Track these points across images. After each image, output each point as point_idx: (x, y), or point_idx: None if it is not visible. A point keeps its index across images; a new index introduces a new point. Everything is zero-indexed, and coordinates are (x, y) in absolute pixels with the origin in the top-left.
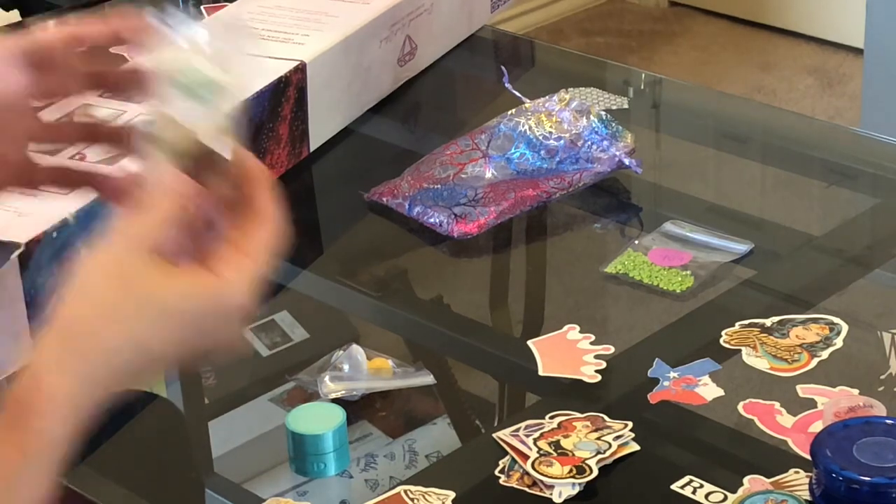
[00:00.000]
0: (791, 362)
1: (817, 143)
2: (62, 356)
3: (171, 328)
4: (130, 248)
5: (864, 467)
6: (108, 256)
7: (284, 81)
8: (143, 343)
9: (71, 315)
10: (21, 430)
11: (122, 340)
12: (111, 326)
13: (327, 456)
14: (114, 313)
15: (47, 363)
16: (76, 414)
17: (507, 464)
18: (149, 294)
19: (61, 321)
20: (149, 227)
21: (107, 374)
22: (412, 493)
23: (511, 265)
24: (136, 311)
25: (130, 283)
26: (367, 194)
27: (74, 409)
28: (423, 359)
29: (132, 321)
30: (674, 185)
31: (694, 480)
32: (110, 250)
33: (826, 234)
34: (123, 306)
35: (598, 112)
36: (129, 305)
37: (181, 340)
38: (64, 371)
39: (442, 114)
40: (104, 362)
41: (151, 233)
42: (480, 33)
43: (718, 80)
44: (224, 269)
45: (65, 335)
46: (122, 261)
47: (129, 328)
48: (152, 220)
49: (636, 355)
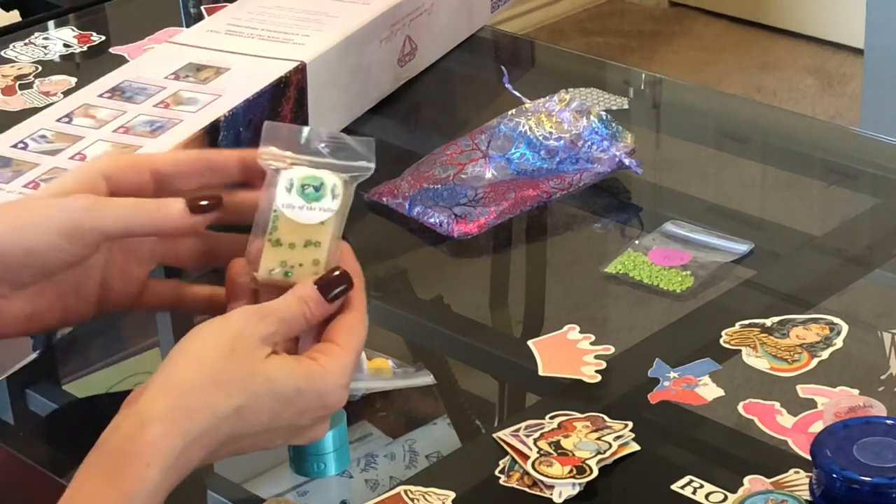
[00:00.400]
0: (791, 362)
1: (817, 143)
2: (170, 412)
3: (272, 405)
4: (249, 330)
5: (865, 467)
6: (224, 329)
7: (284, 81)
8: (246, 415)
9: (181, 375)
10: (124, 476)
11: (229, 408)
12: (219, 393)
13: (327, 456)
14: (224, 381)
15: (154, 416)
16: (175, 470)
17: (507, 464)
18: (258, 369)
19: (170, 379)
20: (269, 318)
21: (209, 438)
22: (412, 494)
23: (511, 265)
24: (245, 383)
25: (242, 356)
26: (367, 194)
27: (175, 465)
28: (423, 359)
29: (239, 391)
30: (674, 185)
31: (694, 480)
32: (229, 323)
33: (826, 234)
34: (234, 376)
35: (598, 112)
36: (239, 377)
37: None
38: (171, 426)
39: (442, 114)
40: (209, 426)
41: (270, 324)
42: (480, 33)
43: (718, 80)
44: (322, 357)
45: (174, 393)
46: (237, 336)
47: (236, 398)
48: (274, 314)
49: (636, 355)
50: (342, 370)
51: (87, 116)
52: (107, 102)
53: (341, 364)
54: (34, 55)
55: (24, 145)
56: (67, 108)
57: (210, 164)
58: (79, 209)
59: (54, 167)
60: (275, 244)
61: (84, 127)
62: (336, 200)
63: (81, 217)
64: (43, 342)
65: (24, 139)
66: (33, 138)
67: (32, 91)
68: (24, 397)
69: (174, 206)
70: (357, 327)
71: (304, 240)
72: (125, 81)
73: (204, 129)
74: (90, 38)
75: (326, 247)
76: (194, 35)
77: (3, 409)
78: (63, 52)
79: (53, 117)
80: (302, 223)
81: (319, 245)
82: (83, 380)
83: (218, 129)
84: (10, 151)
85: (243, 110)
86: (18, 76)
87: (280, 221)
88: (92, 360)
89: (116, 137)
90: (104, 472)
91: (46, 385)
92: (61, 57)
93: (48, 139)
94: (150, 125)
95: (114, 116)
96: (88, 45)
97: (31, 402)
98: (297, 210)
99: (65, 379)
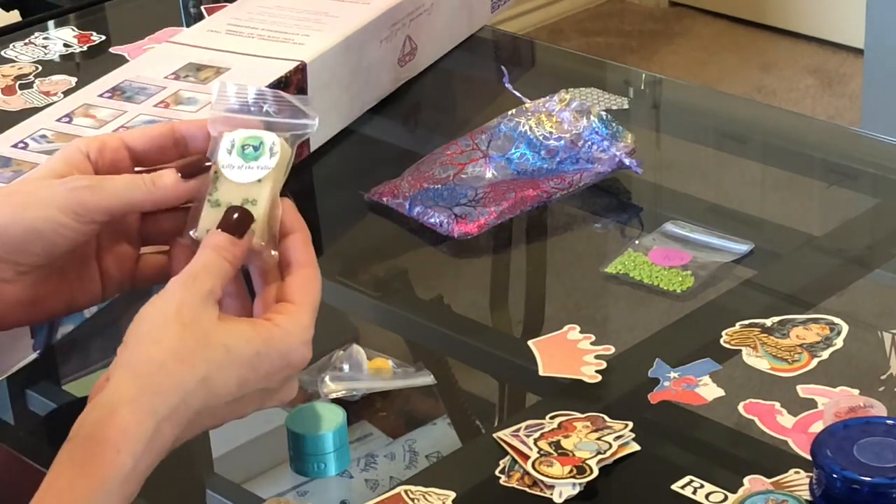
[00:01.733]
0: (791, 362)
1: (817, 143)
2: (138, 394)
3: (235, 371)
4: (188, 296)
5: (865, 467)
6: (165, 304)
7: (284, 81)
8: (214, 385)
9: (142, 358)
10: (96, 463)
11: (194, 380)
12: (183, 367)
13: (327, 456)
14: (185, 355)
15: (122, 400)
16: (149, 452)
17: (507, 464)
18: (214, 338)
19: (132, 363)
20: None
21: (180, 415)
22: (412, 494)
23: (511, 265)
24: (205, 353)
25: (193, 326)
26: (367, 194)
27: (148, 447)
28: (423, 359)
29: (202, 362)
30: (674, 185)
31: (694, 480)
32: (169, 297)
33: (826, 234)
34: (192, 348)
35: (598, 112)
36: (198, 348)
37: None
38: (140, 408)
39: (442, 114)
40: (178, 402)
41: (203, 282)
42: (480, 33)
43: (718, 80)
44: (278, 317)
45: (139, 375)
46: (179, 306)
47: (201, 369)
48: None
49: (636, 355)
50: (301, 327)
51: (88, 116)
52: (107, 102)
53: (299, 321)
54: (34, 55)
55: (25, 145)
56: (67, 108)
57: (180, 136)
58: (81, 189)
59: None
60: (214, 205)
61: (84, 127)
62: (273, 158)
63: (84, 196)
64: (43, 342)
65: (24, 139)
66: (33, 138)
67: (32, 91)
68: (24, 397)
69: (168, 177)
70: (310, 282)
71: (241, 198)
72: (125, 81)
73: None
74: (90, 38)
75: (263, 203)
76: (194, 35)
77: (3, 409)
78: (63, 52)
79: (53, 117)
80: (240, 182)
81: (256, 203)
82: (83, 380)
83: None
84: (10, 151)
85: None
86: (18, 76)
87: (220, 182)
88: (92, 360)
89: None
90: (76, 462)
91: (46, 385)
92: (61, 57)
93: (48, 139)
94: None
95: (114, 116)
96: (88, 45)
97: (31, 402)
98: (235, 170)
99: (65, 379)
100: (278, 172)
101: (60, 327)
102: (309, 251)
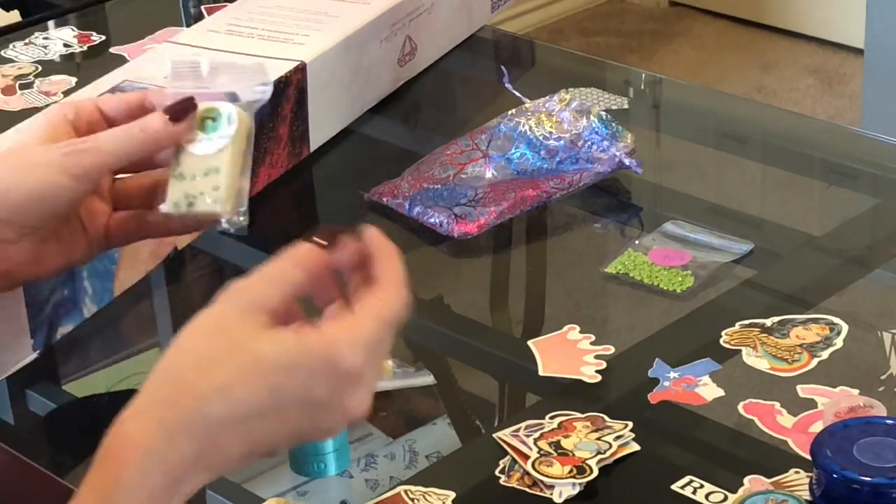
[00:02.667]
0: (791, 362)
1: (817, 143)
2: (146, 405)
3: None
4: (237, 306)
5: (865, 467)
6: (214, 313)
7: (284, 81)
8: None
9: (166, 365)
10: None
11: (213, 388)
12: (201, 374)
13: (327, 456)
14: (206, 364)
15: (131, 413)
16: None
17: (507, 464)
18: (245, 345)
19: (155, 371)
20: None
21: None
22: (412, 494)
23: (511, 265)
24: (230, 360)
25: (227, 334)
26: (367, 194)
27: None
28: (423, 359)
29: (223, 369)
30: (674, 185)
31: (694, 480)
32: (217, 309)
33: (826, 234)
34: (217, 357)
35: (598, 112)
36: (224, 355)
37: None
38: (145, 417)
39: (442, 114)
40: (192, 411)
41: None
42: (480, 33)
43: (718, 80)
44: (327, 323)
45: (156, 384)
46: (226, 317)
47: (220, 376)
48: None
49: (636, 355)
50: (350, 333)
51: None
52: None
53: (349, 327)
54: (34, 55)
55: None
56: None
57: (150, 105)
58: (80, 151)
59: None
60: (178, 178)
61: None
62: (232, 126)
63: (82, 156)
64: (43, 342)
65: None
66: None
67: (32, 91)
68: (24, 397)
69: (156, 121)
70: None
71: (204, 169)
72: (125, 81)
73: None
74: (90, 38)
75: (224, 171)
76: (194, 35)
77: (3, 409)
78: (63, 52)
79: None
80: (201, 155)
81: (218, 171)
82: (83, 380)
83: None
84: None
85: None
86: (18, 76)
87: (182, 156)
88: (92, 360)
89: None
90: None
91: (46, 385)
92: (61, 57)
93: None
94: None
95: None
96: (88, 45)
97: (31, 402)
98: (196, 144)
99: (65, 379)
100: (239, 140)
101: (60, 327)
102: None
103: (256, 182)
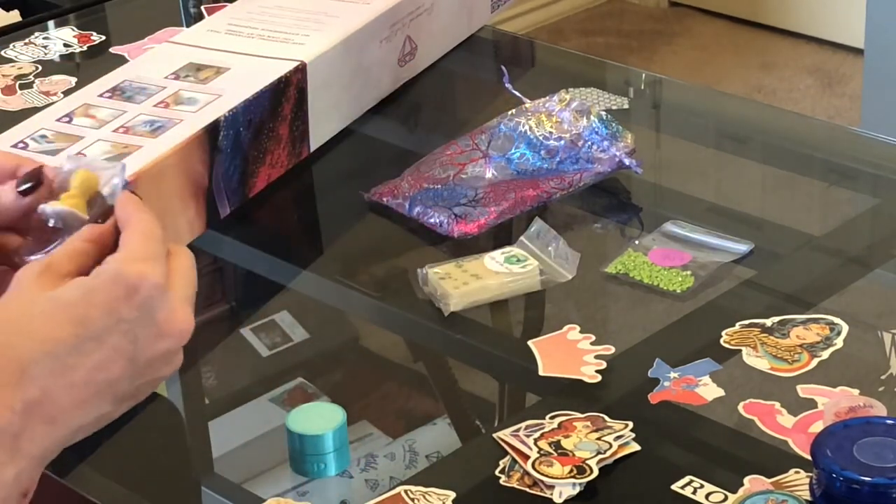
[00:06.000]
0: (791, 362)
1: (817, 143)
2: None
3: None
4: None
5: (865, 467)
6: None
7: (284, 81)
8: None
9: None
10: None
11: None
12: (8, 328)
13: (327, 456)
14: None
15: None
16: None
17: (507, 464)
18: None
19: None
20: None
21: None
22: (412, 494)
23: None
24: (28, 308)
25: (25, 292)
26: (367, 194)
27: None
28: (423, 359)
29: (24, 317)
30: (674, 185)
31: (694, 480)
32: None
33: (826, 234)
34: (20, 311)
35: (598, 112)
36: (23, 307)
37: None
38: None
39: (442, 114)
40: (4, 359)
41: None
42: (480, 33)
43: (718, 80)
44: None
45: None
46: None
47: (21, 323)
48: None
49: (636, 355)
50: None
51: (87, 116)
52: (107, 102)
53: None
54: (34, 55)
55: (24, 145)
56: (67, 107)
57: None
58: None
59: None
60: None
61: (84, 127)
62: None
63: None
64: None
65: (24, 139)
66: (33, 138)
67: (32, 91)
68: None
69: (6, 196)
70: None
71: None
72: (125, 81)
73: (204, 129)
74: (90, 38)
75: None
76: (194, 35)
77: None
78: (63, 51)
79: (53, 117)
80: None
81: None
82: None
83: (218, 129)
84: (10, 151)
85: (243, 110)
86: (18, 76)
87: None
88: None
89: (116, 137)
90: None
91: None
92: (61, 57)
93: (48, 139)
94: (150, 125)
95: (114, 116)
96: (88, 44)
97: None
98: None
99: None
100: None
101: None
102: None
103: (256, 182)
